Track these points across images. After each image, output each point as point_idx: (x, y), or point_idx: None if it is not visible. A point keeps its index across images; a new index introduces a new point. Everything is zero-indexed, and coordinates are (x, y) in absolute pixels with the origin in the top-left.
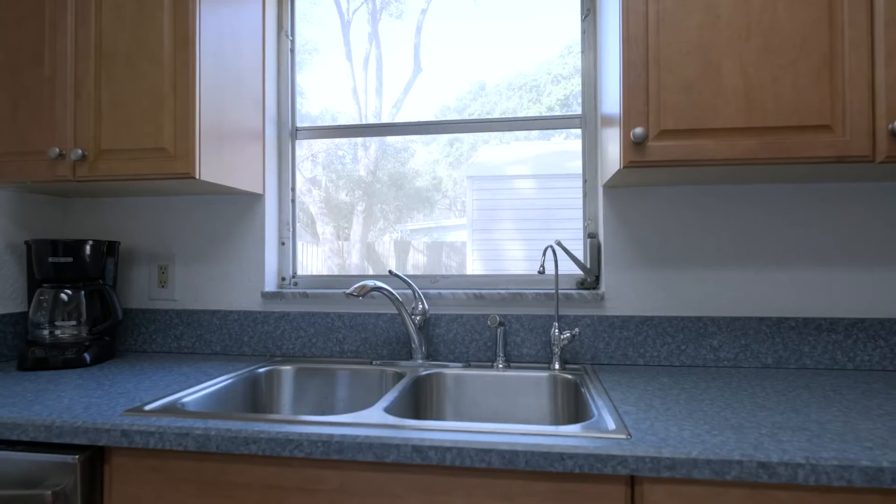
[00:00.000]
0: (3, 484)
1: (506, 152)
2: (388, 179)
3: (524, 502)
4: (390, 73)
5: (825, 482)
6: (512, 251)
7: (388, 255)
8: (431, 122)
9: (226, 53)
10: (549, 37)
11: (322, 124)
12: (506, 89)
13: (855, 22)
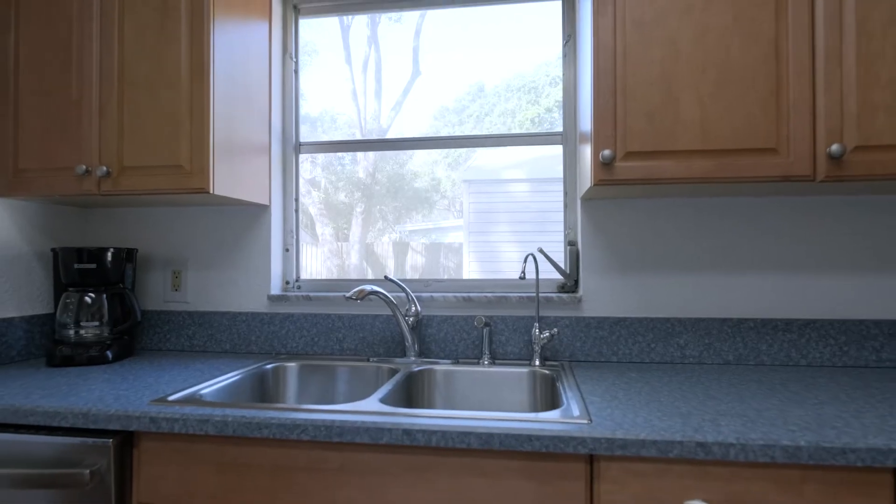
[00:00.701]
0: (47, 464)
1: (502, 156)
2: (386, 181)
3: (499, 478)
4: (389, 76)
5: (752, 459)
6: (507, 253)
7: (387, 256)
8: (425, 138)
9: (236, 74)
10: (548, 38)
11: (324, 139)
12: (504, 90)
13: (798, 56)
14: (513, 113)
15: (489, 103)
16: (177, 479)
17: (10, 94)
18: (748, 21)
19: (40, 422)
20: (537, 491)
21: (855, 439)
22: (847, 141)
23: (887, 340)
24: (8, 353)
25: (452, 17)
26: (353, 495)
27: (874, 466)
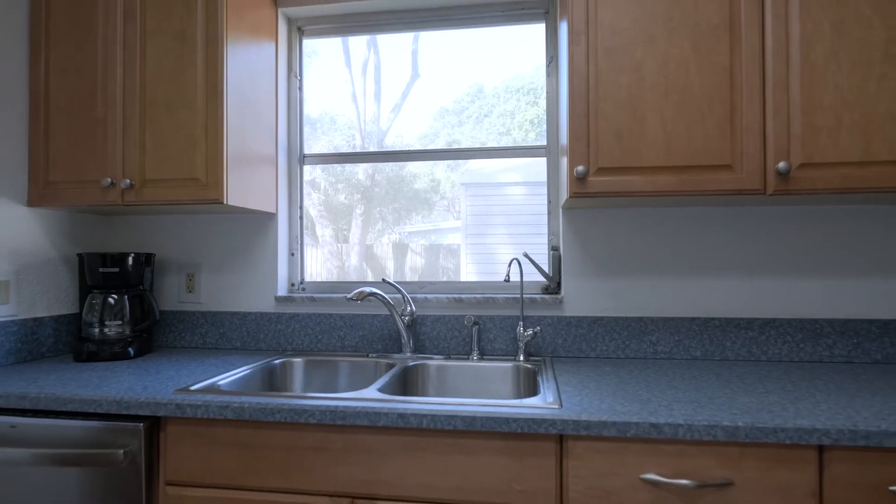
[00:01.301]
0: (86, 445)
1: (499, 160)
2: (386, 183)
3: (481, 455)
4: (388, 79)
5: (698, 437)
6: (503, 255)
7: (387, 258)
8: (422, 150)
9: (246, 93)
10: (546, 40)
11: (326, 150)
12: (503, 92)
13: (750, 84)
14: (512, 114)
15: (488, 104)
16: (199, 459)
17: (41, 112)
18: (706, 51)
19: (78, 408)
20: (514, 466)
21: (785, 420)
22: (793, 159)
23: (839, 338)
24: (39, 349)
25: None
26: (355, 471)
27: (800, 444)
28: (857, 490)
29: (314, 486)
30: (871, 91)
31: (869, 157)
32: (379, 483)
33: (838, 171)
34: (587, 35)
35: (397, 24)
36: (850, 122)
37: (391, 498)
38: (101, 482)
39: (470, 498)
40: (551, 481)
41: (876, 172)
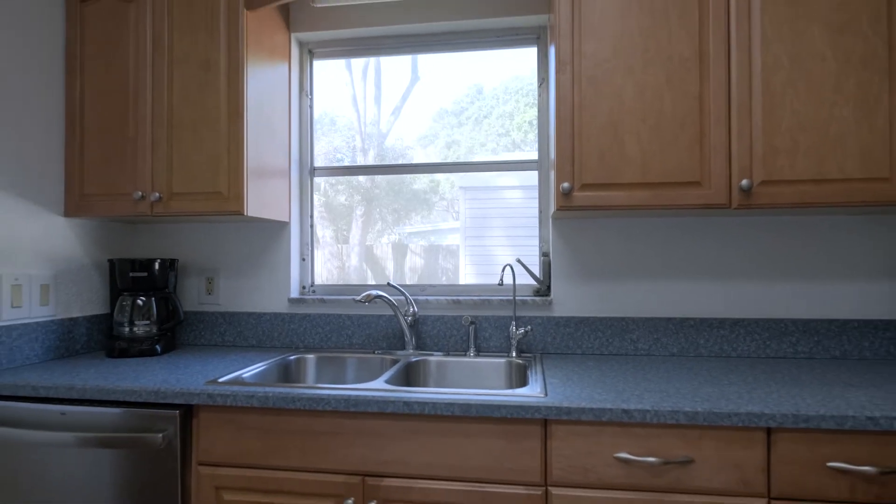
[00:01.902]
0: (128, 429)
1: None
2: (385, 184)
3: (477, 437)
4: (389, 82)
5: (663, 421)
6: (501, 256)
7: (387, 258)
8: (423, 164)
9: (263, 112)
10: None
11: (334, 164)
12: (503, 93)
13: (717, 110)
14: (511, 115)
15: (488, 105)
16: (228, 442)
17: (77, 131)
18: (678, 81)
19: (120, 398)
20: (505, 447)
21: (739, 406)
22: (755, 177)
23: (802, 336)
24: (73, 346)
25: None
26: (365, 452)
27: (751, 426)
28: (800, 466)
29: (329, 465)
30: (824, 117)
31: (822, 175)
32: (387, 463)
33: (795, 187)
34: (572, 65)
35: (398, 48)
36: (806, 144)
37: (397, 475)
38: (141, 462)
39: (466, 475)
40: (537, 460)
41: (828, 189)
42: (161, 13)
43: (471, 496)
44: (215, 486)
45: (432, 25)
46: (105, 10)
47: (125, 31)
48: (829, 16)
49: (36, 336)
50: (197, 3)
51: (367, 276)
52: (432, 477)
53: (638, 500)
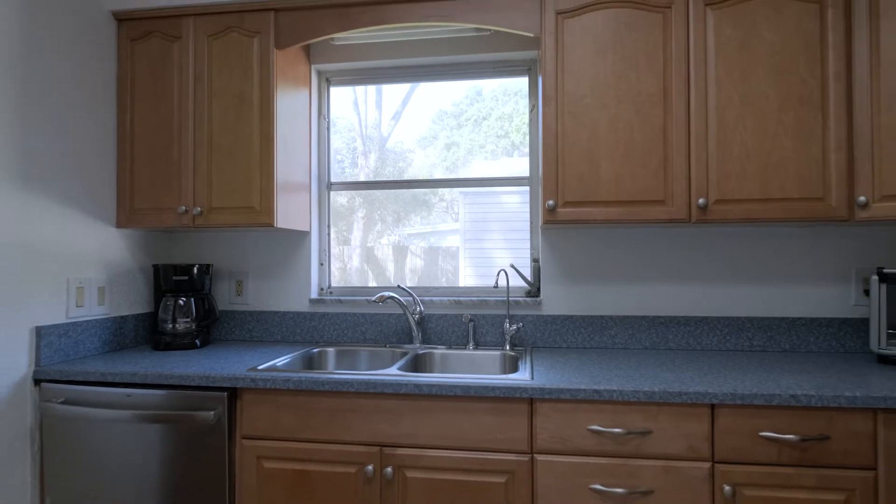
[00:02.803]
0: (183, 408)
1: (495, 167)
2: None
3: (475, 413)
4: (389, 86)
5: (626, 399)
6: (499, 259)
7: (387, 260)
8: (426, 180)
9: (288, 135)
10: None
11: (349, 181)
12: (502, 94)
13: (679, 140)
14: (510, 117)
15: (487, 107)
16: (267, 419)
17: (128, 155)
18: (645, 115)
19: (177, 382)
20: (498, 421)
21: (688, 387)
22: (710, 196)
23: (757, 332)
24: (124, 340)
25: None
26: (382, 427)
27: (697, 403)
28: (737, 435)
29: (352, 437)
30: (768, 146)
31: (766, 195)
32: (400, 435)
33: (743, 205)
34: (556, 101)
35: (403, 77)
36: (752, 169)
37: (409, 446)
38: (195, 436)
39: (466, 445)
40: (524, 432)
41: (771, 207)
42: (202, 52)
43: (470, 462)
44: (256, 455)
45: (434, 59)
46: (152, 47)
47: (170, 66)
48: (772, 61)
49: (94, 331)
50: (233, 44)
51: (367, 278)
52: (438, 447)
53: (607, 464)
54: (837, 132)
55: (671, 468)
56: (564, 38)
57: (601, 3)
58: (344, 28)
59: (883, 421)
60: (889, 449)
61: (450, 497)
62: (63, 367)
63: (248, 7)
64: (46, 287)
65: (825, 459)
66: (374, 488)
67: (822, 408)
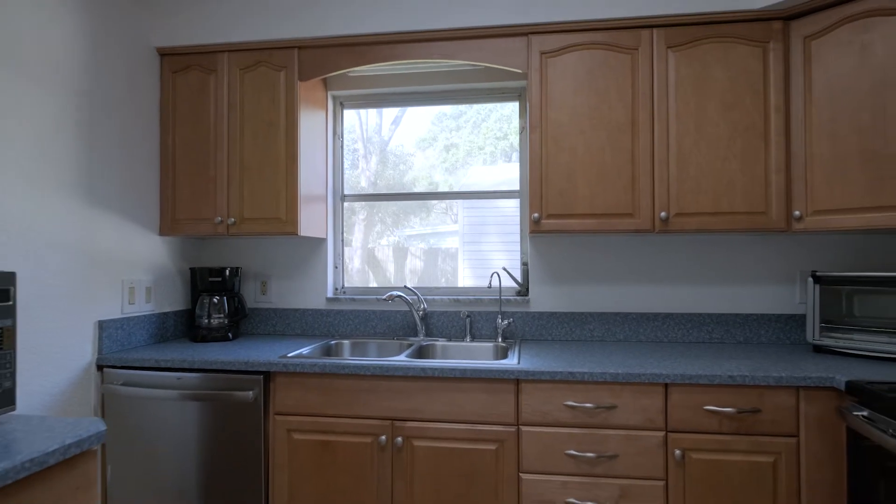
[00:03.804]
0: (226, 388)
1: (493, 173)
2: (387, 189)
3: (471, 392)
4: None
5: (596, 380)
6: (496, 261)
7: (388, 261)
8: (431, 192)
9: (308, 153)
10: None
11: (360, 192)
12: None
13: (644, 162)
14: (509, 118)
15: (486, 108)
16: (296, 398)
17: (170, 172)
18: (616, 140)
19: (221, 367)
20: (490, 399)
21: (646, 370)
22: (671, 210)
23: (716, 326)
24: (165, 333)
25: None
26: (394, 404)
27: (654, 382)
28: (686, 409)
29: (368, 413)
30: (718, 167)
31: (717, 209)
32: (409, 411)
33: (698, 218)
34: (541, 128)
35: (407, 101)
36: (706, 187)
37: (416, 419)
38: (235, 413)
39: (463, 419)
40: (511, 407)
41: (722, 219)
42: (234, 83)
43: (467, 433)
44: (287, 429)
45: (436, 87)
46: (192, 79)
47: (207, 95)
48: (722, 96)
49: (143, 325)
50: (262, 76)
51: (368, 278)
52: (440, 420)
53: (579, 433)
54: (777, 157)
55: (632, 436)
56: (548, 75)
57: (578, 45)
58: (358, 63)
59: (804, 397)
60: (808, 419)
61: (450, 462)
62: (121, 355)
63: (275, 45)
64: (106, 287)
65: (757, 428)
66: (386, 455)
67: (754, 386)
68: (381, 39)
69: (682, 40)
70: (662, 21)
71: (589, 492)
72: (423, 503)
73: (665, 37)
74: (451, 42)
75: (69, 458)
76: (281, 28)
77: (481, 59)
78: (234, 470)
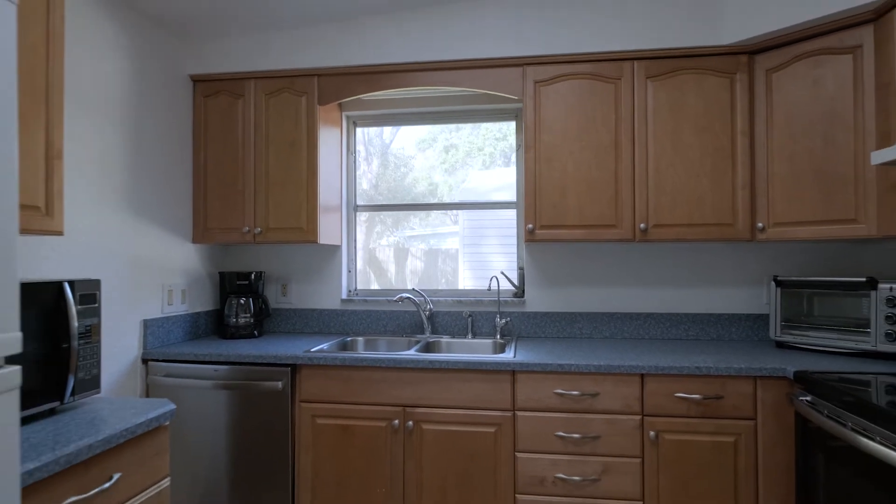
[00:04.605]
0: (257, 379)
1: (491, 178)
2: (388, 191)
3: (473, 382)
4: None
5: (581, 370)
6: (495, 263)
7: (389, 262)
8: (437, 203)
9: (325, 167)
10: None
11: (371, 203)
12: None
13: (626, 179)
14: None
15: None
16: (319, 387)
17: (202, 186)
18: (601, 159)
19: (253, 360)
20: (489, 387)
21: (625, 362)
22: (650, 222)
23: (692, 324)
24: (197, 331)
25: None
26: (405, 392)
27: (631, 373)
28: (659, 395)
29: (382, 400)
30: (691, 184)
31: (690, 221)
32: (418, 398)
33: (674, 229)
34: (535, 148)
35: (414, 121)
36: (681, 201)
37: (424, 406)
38: (266, 401)
39: (466, 405)
40: (508, 395)
41: (694, 230)
42: (260, 107)
43: (469, 417)
44: (311, 415)
45: (441, 108)
46: (221, 103)
47: (235, 118)
48: (695, 121)
49: (180, 324)
50: (285, 101)
51: (370, 280)
52: (446, 406)
53: (567, 417)
54: (743, 175)
55: (613, 420)
56: (541, 101)
57: (568, 76)
58: (372, 90)
59: (760, 385)
60: (764, 404)
61: (454, 443)
62: (162, 349)
63: (297, 73)
64: (148, 290)
65: (720, 413)
66: (398, 437)
67: (717, 376)
68: (393, 69)
69: (660, 71)
70: (642, 55)
71: (575, 468)
72: (430, 479)
73: (645, 68)
74: (454, 71)
75: (150, 429)
76: (302, 58)
77: (482, 87)
78: (264, 451)
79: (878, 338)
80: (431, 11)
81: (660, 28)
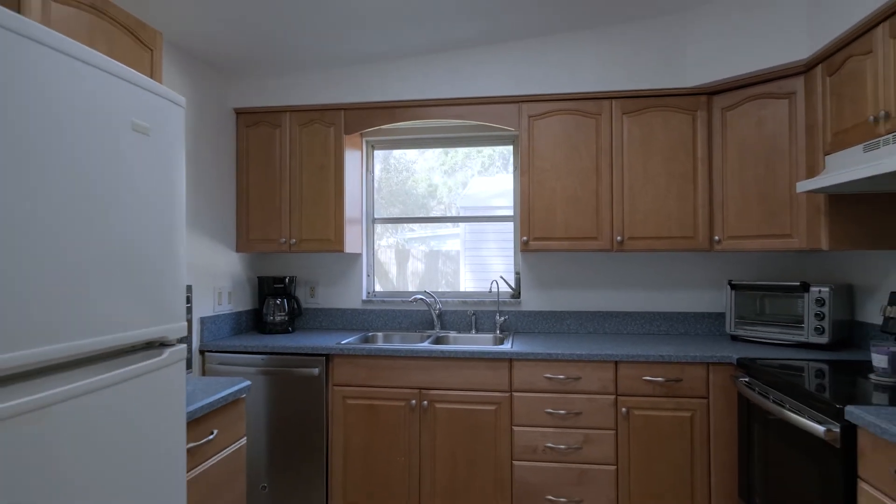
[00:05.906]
0: (297, 366)
1: (492, 184)
2: (389, 195)
3: (477, 368)
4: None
5: (567, 358)
6: (495, 266)
7: (390, 263)
8: (449, 217)
9: (349, 186)
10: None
11: (386, 216)
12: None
13: (606, 198)
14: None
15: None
16: (349, 374)
17: (244, 203)
18: (585, 182)
19: (293, 350)
20: (491, 373)
21: (603, 351)
22: (626, 234)
23: (663, 322)
24: (240, 327)
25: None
26: (420, 378)
27: (607, 360)
28: (630, 379)
29: (401, 384)
30: (660, 204)
31: (659, 234)
32: (431, 382)
33: (645, 241)
34: (528, 173)
35: (424, 144)
36: (652, 217)
37: (437, 388)
38: (304, 385)
39: (472, 388)
40: (506, 379)
41: (663, 242)
42: (295, 137)
43: (474, 398)
44: (342, 396)
45: (448, 134)
46: (262, 132)
47: (273, 145)
48: (663, 151)
49: (226, 321)
50: (316, 131)
51: (372, 280)
52: (455, 388)
53: (554, 397)
54: (703, 196)
55: (592, 398)
56: (533, 132)
57: (557, 111)
58: (390, 122)
59: (712, 370)
60: (715, 386)
61: (462, 419)
62: (216, 342)
63: (326, 107)
64: (204, 292)
65: (679, 392)
66: (415, 415)
67: (677, 362)
68: (409, 104)
69: (634, 108)
70: (619, 94)
71: (561, 439)
72: (442, 449)
73: (621, 106)
74: (462, 106)
75: (233, 400)
76: (330, 95)
77: (484, 120)
78: (302, 426)
79: (809, 332)
80: (441, 57)
81: (635, 72)
